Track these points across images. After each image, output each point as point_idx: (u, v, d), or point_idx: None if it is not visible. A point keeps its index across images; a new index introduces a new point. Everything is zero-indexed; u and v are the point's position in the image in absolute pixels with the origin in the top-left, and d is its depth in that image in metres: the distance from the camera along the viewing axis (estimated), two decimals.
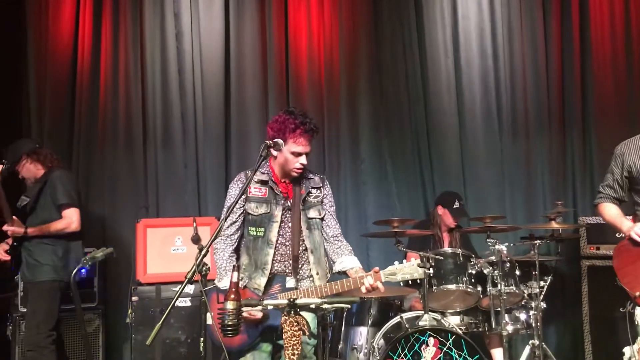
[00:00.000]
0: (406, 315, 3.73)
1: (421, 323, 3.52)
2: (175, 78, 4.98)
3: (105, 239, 4.64)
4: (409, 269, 2.73)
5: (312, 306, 2.49)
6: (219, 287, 2.84)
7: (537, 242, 3.94)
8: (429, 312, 3.60)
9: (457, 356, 3.35)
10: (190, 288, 4.14)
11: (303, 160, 2.92)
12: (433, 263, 3.64)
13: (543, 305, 3.95)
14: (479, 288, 3.82)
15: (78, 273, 2.80)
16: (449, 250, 3.97)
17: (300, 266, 2.96)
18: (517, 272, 3.91)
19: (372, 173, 5.14)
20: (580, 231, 4.55)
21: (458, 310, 3.99)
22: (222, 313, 2.26)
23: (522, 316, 4.04)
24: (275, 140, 2.82)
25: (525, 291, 3.95)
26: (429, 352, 3.37)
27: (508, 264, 3.82)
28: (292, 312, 2.40)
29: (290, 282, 2.93)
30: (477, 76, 5.24)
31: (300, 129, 2.86)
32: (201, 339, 2.31)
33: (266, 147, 2.74)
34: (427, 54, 5.26)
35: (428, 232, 4.28)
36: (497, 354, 4.14)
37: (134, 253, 4.31)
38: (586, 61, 5.22)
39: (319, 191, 3.07)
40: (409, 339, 3.37)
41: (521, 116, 5.22)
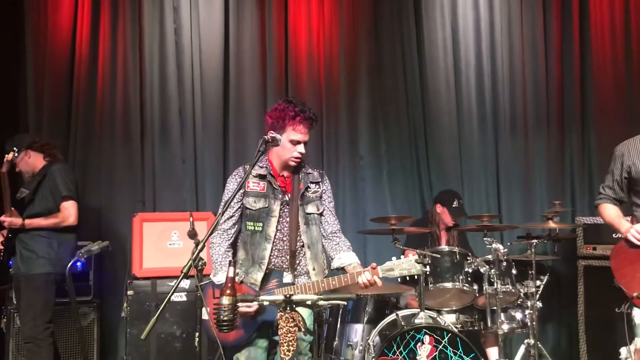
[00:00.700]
0: (402, 312, 3.73)
1: (417, 321, 3.52)
2: (173, 72, 4.96)
3: (101, 232, 4.62)
4: (407, 265, 2.72)
5: (309, 302, 2.47)
6: (214, 282, 2.83)
7: (534, 242, 3.93)
8: (425, 310, 3.59)
9: (453, 354, 3.34)
10: (186, 283, 4.14)
11: (301, 149, 2.91)
12: (430, 261, 3.63)
13: (539, 304, 3.96)
14: (475, 287, 3.82)
15: (73, 266, 2.78)
16: (446, 248, 3.96)
17: (297, 262, 2.95)
18: (514, 271, 3.91)
19: (370, 170, 5.13)
20: (577, 231, 4.55)
21: (454, 308, 3.99)
22: (218, 308, 2.25)
23: (518, 315, 4.04)
24: (273, 135, 2.80)
25: (521, 290, 3.95)
26: (425, 350, 3.36)
27: (504, 263, 3.82)
28: (288, 308, 2.40)
29: (287, 278, 2.91)
30: (476, 75, 5.24)
31: (300, 116, 2.86)
32: (196, 334, 2.29)
33: (264, 142, 2.73)
34: (426, 52, 5.26)
35: (426, 230, 4.28)
36: (493, 353, 4.14)
37: (130, 247, 4.29)
38: (586, 61, 5.22)
39: (318, 186, 3.06)
40: (405, 337, 3.36)
41: (520, 115, 5.22)
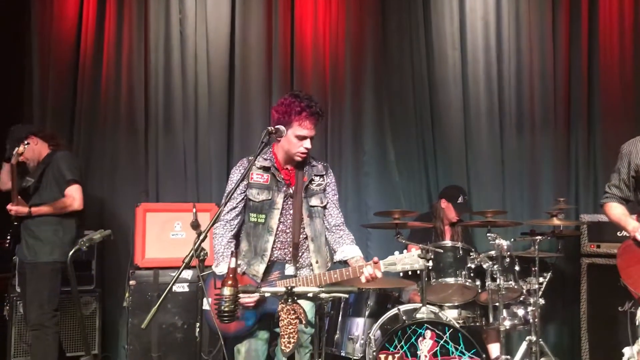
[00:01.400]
0: (404, 307, 3.73)
1: (418, 315, 3.52)
2: (178, 63, 4.96)
3: (104, 222, 4.63)
4: (409, 260, 2.70)
5: (310, 295, 2.46)
6: (216, 273, 2.82)
7: (538, 238, 3.91)
8: (427, 305, 3.59)
9: (454, 349, 3.34)
10: (188, 273, 4.14)
11: (307, 144, 2.89)
12: (432, 256, 3.62)
13: (541, 301, 3.94)
14: (478, 282, 3.81)
15: (77, 254, 2.78)
16: (449, 243, 3.94)
17: (300, 254, 2.94)
18: (517, 268, 3.89)
19: (375, 164, 5.12)
20: (581, 228, 4.53)
21: (456, 304, 3.98)
22: (219, 299, 2.25)
23: (520, 312, 4.02)
24: (277, 126, 2.79)
25: (524, 287, 3.93)
26: (426, 345, 3.35)
27: (508, 259, 3.80)
28: (290, 300, 2.40)
29: (289, 270, 2.91)
30: (484, 70, 5.20)
31: (306, 112, 2.84)
32: (197, 325, 2.29)
33: (268, 133, 2.71)
34: (434, 47, 5.22)
35: (429, 225, 4.26)
36: (494, 349, 4.13)
37: (133, 237, 4.30)
38: (593, 58, 5.18)
39: (322, 179, 3.05)
40: (406, 331, 3.35)
41: (526, 111, 5.19)
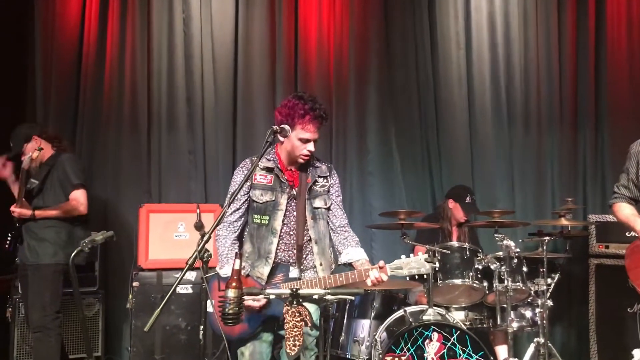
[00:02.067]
0: (410, 309, 3.69)
1: (425, 317, 3.47)
2: (181, 63, 4.93)
3: (107, 223, 4.61)
4: (416, 264, 2.66)
5: (315, 297, 2.42)
6: (220, 275, 2.78)
7: (546, 239, 3.86)
8: (434, 307, 3.54)
9: (461, 352, 3.29)
10: (191, 275, 4.11)
11: (311, 147, 2.85)
12: (439, 257, 3.58)
13: (549, 302, 3.89)
14: (485, 284, 3.77)
15: (79, 255, 2.74)
16: (456, 244, 3.90)
17: (304, 256, 2.89)
18: (524, 269, 3.84)
19: (379, 164, 5.08)
20: (589, 229, 4.48)
21: (463, 305, 3.93)
22: (223, 301, 2.20)
23: (528, 313, 3.96)
24: (282, 126, 2.74)
25: (531, 288, 3.88)
26: (433, 348, 3.31)
27: (515, 260, 3.75)
28: (295, 303, 2.35)
29: (293, 272, 2.86)
30: (489, 69, 5.16)
31: (309, 115, 2.78)
32: (201, 327, 2.25)
33: (272, 133, 2.67)
34: (439, 45, 5.19)
35: (436, 226, 4.21)
36: (501, 351, 4.09)
37: (136, 238, 4.27)
38: (601, 56, 5.14)
39: (326, 180, 3.00)
40: (413, 333, 3.31)
41: (533, 110, 5.14)
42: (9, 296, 4.20)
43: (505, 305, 3.70)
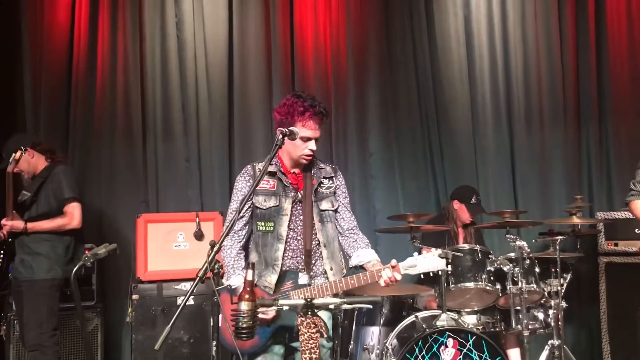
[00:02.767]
0: (421, 314, 3.58)
1: (439, 323, 3.37)
2: (175, 68, 4.83)
3: (103, 235, 4.47)
4: (430, 260, 2.57)
5: (331, 306, 2.29)
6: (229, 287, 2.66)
7: (559, 239, 3.76)
8: (447, 312, 3.43)
9: (478, 358, 3.19)
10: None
11: (312, 145, 2.76)
12: (451, 259, 3.47)
13: (564, 304, 3.79)
14: (498, 286, 3.66)
15: (80, 271, 2.61)
16: (467, 246, 3.80)
17: (313, 262, 2.79)
18: (537, 270, 3.74)
19: (381, 167, 4.99)
20: (598, 227, 4.40)
21: (475, 309, 3.82)
22: (237, 314, 2.07)
23: (540, 315, 3.86)
24: (290, 128, 2.64)
25: (545, 289, 3.79)
26: (448, 354, 3.21)
27: (528, 261, 3.65)
28: (309, 313, 2.23)
29: (302, 279, 2.75)
30: (490, 67, 5.09)
31: (309, 112, 2.71)
32: (213, 343, 2.12)
33: (283, 136, 2.56)
34: (438, 44, 5.10)
35: (444, 228, 4.11)
36: (514, 355, 3.98)
37: (134, 249, 4.14)
38: (602, 51, 5.08)
39: (331, 181, 2.92)
40: (427, 340, 3.21)
41: (535, 108, 5.07)
42: (3, 313, 4.06)
43: (519, 307, 3.59)
